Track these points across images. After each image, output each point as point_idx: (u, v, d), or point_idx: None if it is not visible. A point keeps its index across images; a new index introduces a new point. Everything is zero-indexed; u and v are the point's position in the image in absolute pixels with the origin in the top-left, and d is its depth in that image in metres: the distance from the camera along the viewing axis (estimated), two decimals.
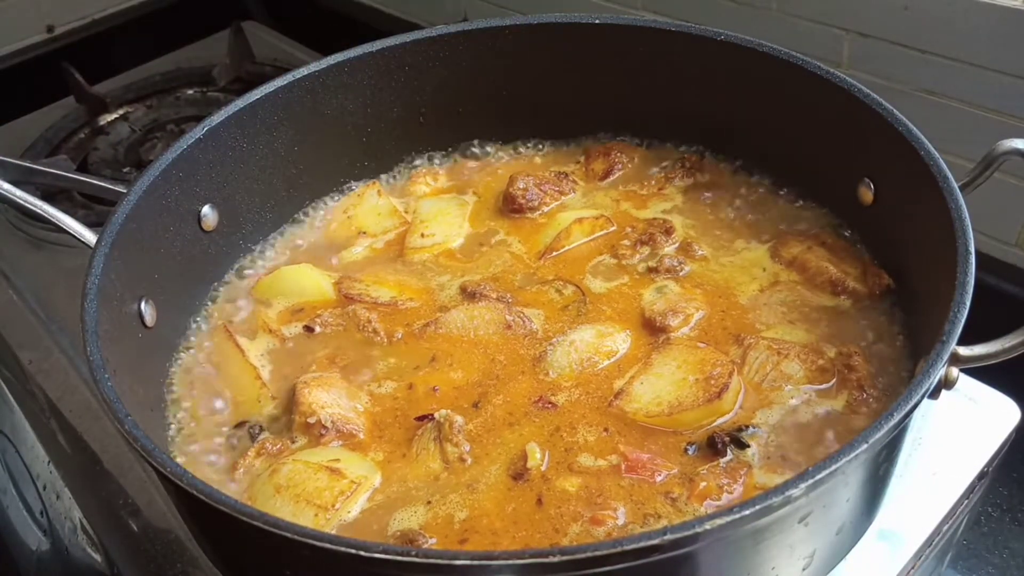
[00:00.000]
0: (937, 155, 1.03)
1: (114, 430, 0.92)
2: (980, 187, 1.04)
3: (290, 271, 1.31)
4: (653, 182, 1.40)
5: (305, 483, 0.99)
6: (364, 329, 1.21)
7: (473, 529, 0.96)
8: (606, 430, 1.05)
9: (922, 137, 1.06)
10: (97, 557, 1.23)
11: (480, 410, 1.08)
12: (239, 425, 1.11)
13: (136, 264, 1.11)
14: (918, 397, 0.82)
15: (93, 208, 1.77)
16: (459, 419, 1.06)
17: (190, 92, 2.20)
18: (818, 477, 0.76)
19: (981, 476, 1.12)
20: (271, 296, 1.29)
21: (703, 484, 0.97)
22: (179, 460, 1.07)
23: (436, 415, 1.06)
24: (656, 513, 0.96)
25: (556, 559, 0.71)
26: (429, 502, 0.99)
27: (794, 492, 0.75)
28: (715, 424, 1.04)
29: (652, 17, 1.77)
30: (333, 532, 0.96)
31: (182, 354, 1.21)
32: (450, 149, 1.51)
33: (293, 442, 1.08)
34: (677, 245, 1.29)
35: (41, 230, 1.73)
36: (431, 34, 1.38)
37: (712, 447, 1.01)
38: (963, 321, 0.87)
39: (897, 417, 0.80)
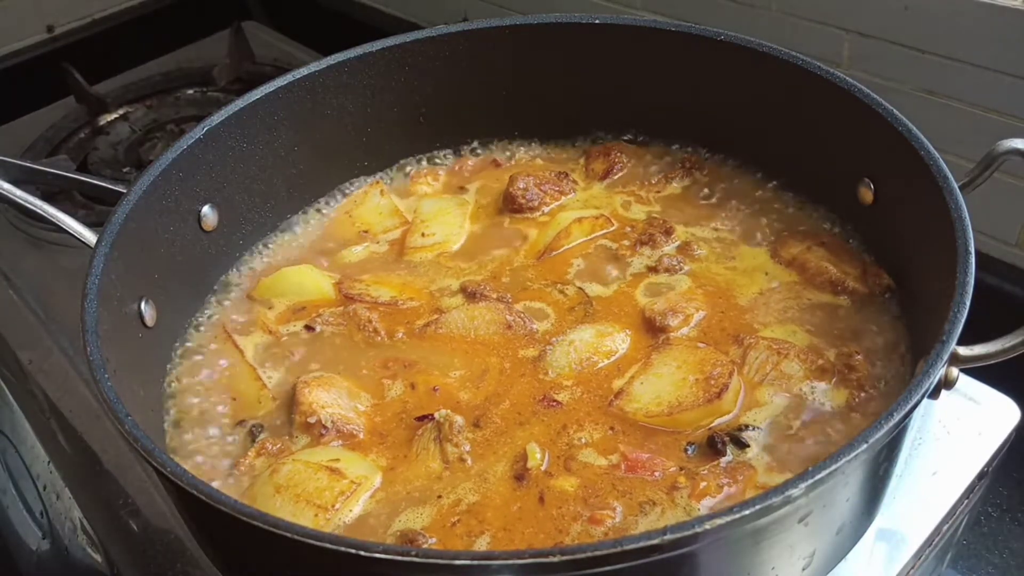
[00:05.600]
0: (937, 155, 1.03)
1: (114, 430, 0.92)
2: (980, 187, 1.04)
3: (290, 271, 1.30)
4: (653, 182, 1.40)
5: (305, 483, 0.99)
6: (365, 329, 1.21)
7: (473, 524, 0.96)
8: (612, 428, 1.05)
9: (922, 137, 1.05)
10: (97, 557, 1.23)
11: (483, 409, 1.08)
12: (239, 425, 1.11)
13: (136, 264, 1.11)
14: (918, 397, 0.82)
15: (93, 208, 1.77)
16: (459, 419, 1.06)
17: (190, 92, 2.20)
18: (818, 477, 0.76)
19: (981, 476, 1.12)
20: (271, 296, 1.28)
21: (703, 484, 0.97)
22: (179, 460, 1.07)
23: (436, 415, 1.06)
24: (651, 500, 0.96)
25: (556, 559, 0.71)
26: (439, 495, 0.99)
27: (794, 492, 0.75)
28: (715, 424, 1.04)
29: (652, 17, 1.77)
30: (333, 532, 0.96)
31: (182, 354, 1.21)
32: (450, 149, 1.51)
33: (293, 441, 1.08)
34: (677, 245, 1.29)
35: (41, 230, 1.73)
36: (431, 34, 1.38)
37: (712, 447, 1.01)
38: (963, 321, 0.87)
39: (897, 417, 0.80)
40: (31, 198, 1.15)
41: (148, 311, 1.12)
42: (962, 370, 0.95)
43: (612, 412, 1.06)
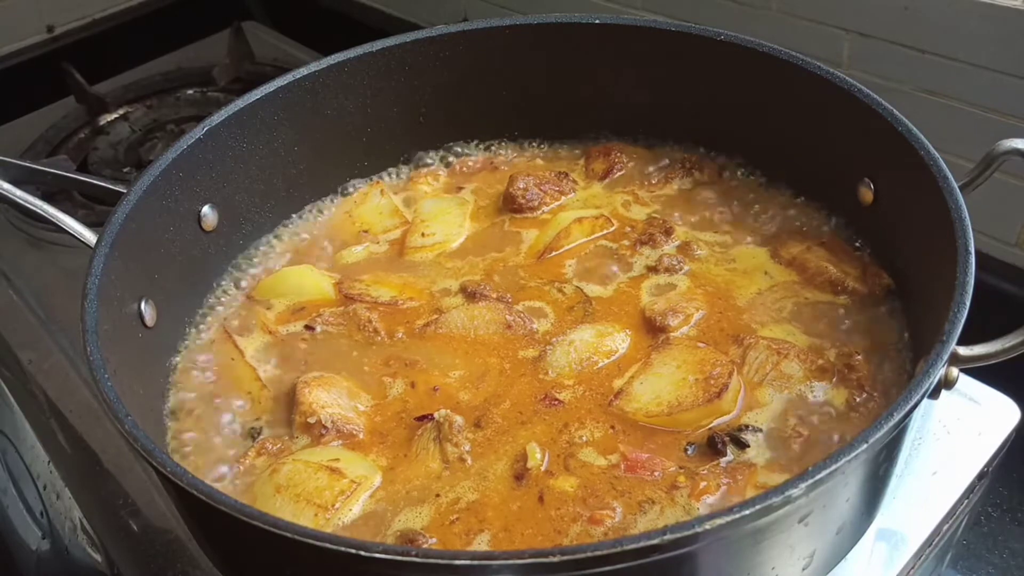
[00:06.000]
0: (937, 155, 1.03)
1: (114, 430, 0.92)
2: (980, 187, 1.04)
3: (291, 272, 1.30)
4: (653, 182, 1.40)
5: (305, 483, 0.99)
6: (365, 329, 1.21)
7: (472, 522, 0.96)
8: (613, 427, 1.05)
9: (922, 137, 1.05)
10: (97, 557, 1.23)
11: (484, 410, 1.08)
12: (239, 425, 1.11)
13: (136, 264, 1.11)
14: (918, 397, 0.82)
15: (93, 208, 1.77)
16: (459, 419, 1.06)
17: (190, 92, 2.20)
18: (818, 477, 0.76)
19: (981, 476, 1.12)
20: (271, 297, 1.28)
21: (703, 484, 0.97)
22: (179, 460, 1.07)
23: (436, 415, 1.06)
24: (650, 499, 0.96)
25: (556, 559, 0.71)
26: (438, 495, 0.99)
27: (794, 492, 0.75)
28: (715, 424, 1.04)
29: (652, 17, 1.77)
30: (333, 532, 0.96)
31: (182, 354, 1.21)
32: (450, 149, 1.51)
33: (293, 441, 1.08)
34: (677, 245, 1.29)
35: (41, 230, 1.73)
36: (431, 34, 1.38)
37: (712, 447, 1.01)
38: (963, 321, 0.87)
39: (897, 417, 0.80)
40: (31, 198, 1.15)
41: (148, 311, 1.12)
42: (962, 370, 0.94)
43: (612, 412, 1.06)
